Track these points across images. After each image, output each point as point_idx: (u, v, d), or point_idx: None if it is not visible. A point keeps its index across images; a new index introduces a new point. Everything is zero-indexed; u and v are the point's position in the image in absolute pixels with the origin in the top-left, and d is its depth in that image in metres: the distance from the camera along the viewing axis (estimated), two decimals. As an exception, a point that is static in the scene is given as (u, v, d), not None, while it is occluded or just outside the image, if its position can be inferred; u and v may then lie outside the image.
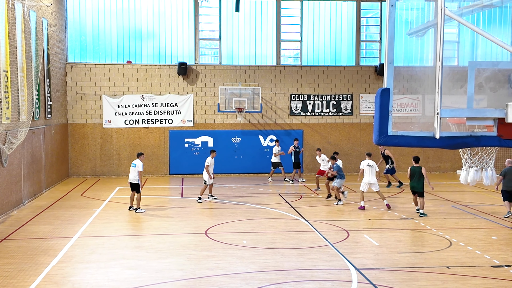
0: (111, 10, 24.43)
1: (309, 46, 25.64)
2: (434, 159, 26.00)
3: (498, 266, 10.88)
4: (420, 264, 11.03)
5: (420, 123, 5.62)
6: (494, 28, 7.08)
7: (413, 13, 6.44)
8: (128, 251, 11.90)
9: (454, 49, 6.98)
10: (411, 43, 6.46)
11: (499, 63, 5.66)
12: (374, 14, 26.20)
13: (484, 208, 16.87)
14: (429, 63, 5.82)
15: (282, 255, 11.59)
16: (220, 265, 10.87)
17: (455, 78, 5.67)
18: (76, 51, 24.42)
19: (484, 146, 6.93)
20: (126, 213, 16.15)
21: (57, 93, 22.36)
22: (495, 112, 5.22)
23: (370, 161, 16.91)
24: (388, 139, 5.15)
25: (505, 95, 5.49)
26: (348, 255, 11.57)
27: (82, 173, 24.31)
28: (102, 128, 24.28)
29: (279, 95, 25.22)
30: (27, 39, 17.02)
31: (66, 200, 18.35)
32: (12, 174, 16.22)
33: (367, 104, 25.61)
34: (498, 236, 13.32)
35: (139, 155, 16.48)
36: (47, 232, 13.63)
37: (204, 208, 17.03)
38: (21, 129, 16.13)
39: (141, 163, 16.20)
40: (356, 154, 25.65)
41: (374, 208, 16.94)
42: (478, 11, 6.46)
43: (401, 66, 5.68)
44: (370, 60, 26.16)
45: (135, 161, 16.34)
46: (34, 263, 10.98)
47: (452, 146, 5.31)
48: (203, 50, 25.19)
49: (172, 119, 24.61)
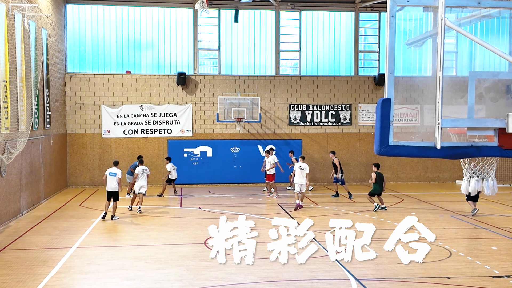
0: (110, 21, 24.51)
1: (308, 56, 25.73)
2: (433, 169, 26.00)
3: (498, 276, 10.84)
4: (420, 274, 10.98)
5: (420, 133, 5.62)
6: (492, 38, 7.11)
7: (412, 24, 6.47)
8: (127, 262, 11.84)
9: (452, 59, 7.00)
10: (409, 54, 6.48)
11: (499, 73, 5.68)
12: (373, 25, 26.32)
13: (484, 218, 16.84)
14: (428, 73, 5.84)
15: (282, 266, 11.50)
16: (219, 275, 10.81)
17: (455, 88, 5.68)
18: (75, 61, 24.47)
19: (485, 156, 6.93)
20: (125, 223, 16.08)
21: (56, 103, 22.37)
22: (495, 122, 5.23)
23: (301, 164, 18.65)
24: (389, 149, 5.15)
25: (505, 105, 5.50)
26: (348, 265, 11.51)
27: (81, 183, 24.25)
28: (101, 138, 24.27)
29: (278, 105, 25.26)
30: (26, 49, 17.05)
31: (64, 210, 18.28)
32: (10, 184, 16.17)
33: (366, 114, 25.65)
34: (498, 246, 13.29)
35: (116, 164, 16.97)
36: (45, 243, 13.57)
37: (203, 218, 16.99)
38: (20, 139, 16.10)
39: (120, 171, 16.53)
40: (355, 164, 25.65)
41: (374, 218, 16.91)
42: (476, 21, 6.49)
43: (400, 76, 5.70)
44: (369, 70, 26.24)
45: (112, 169, 16.57)
46: (32, 274, 10.91)
47: (453, 156, 5.31)
48: (202, 60, 25.26)
49: (171, 129, 24.61)
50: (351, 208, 18.64)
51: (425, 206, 19.29)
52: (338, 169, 20.71)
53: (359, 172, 25.70)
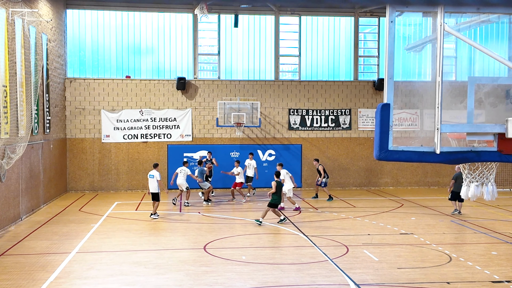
0: (110, 26, 24.55)
1: (307, 61, 25.77)
2: (433, 174, 25.99)
3: (498, 281, 10.82)
4: (420, 279, 10.96)
5: (420, 138, 5.62)
6: (492, 43, 7.12)
7: (411, 29, 6.48)
8: (127, 267, 11.81)
9: (452, 64, 7.00)
10: (409, 58, 6.49)
11: (499, 78, 5.68)
12: (372, 30, 26.37)
13: (484, 223, 16.83)
14: (428, 78, 5.85)
15: (282, 271, 11.51)
16: (219, 280, 10.79)
17: (455, 93, 5.69)
18: (75, 66, 24.49)
19: (485, 161, 6.94)
20: (125, 228, 16.07)
21: (56, 108, 22.38)
22: (495, 128, 5.23)
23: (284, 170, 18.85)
24: (388, 154, 5.15)
25: (504, 110, 5.50)
26: (348, 270, 11.50)
27: (80, 188, 24.23)
28: (101, 142, 24.26)
29: (278, 109, 25.27)
30: (26, 54, 17.07)
31: (64, 215, 18.26)
32: (10, 189, 16.15)
33: (365, 118, 25.66)
34: (498, 251, 13.27)
35: (155, 166, 17.88)
36: (44, 248, 13.54)
37: (202, 223, 16.96)
38: (20, 144, 16.10)
39: (158, 173, 17.60)
40: (355, 169, 25.64)
41: (374, 223, 16.89)
42: (476, 26, 6.50)
43: (399, 81, 5.70)
44: (368, 75, 26.28)
45: (151, 171, 17.68)
46: (31, 279, 10.88)
47: (453, 161, 5.31)
48: (202, 65, 25.28)
49: (170, 134, 24.61)
50: (351, 213, 18.61)
51: (425, 211, 19.26)
52: (322, 175, 21.38)
53: (359, 177, 25.69)
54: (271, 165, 24.82)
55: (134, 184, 24.51)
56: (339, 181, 25.52)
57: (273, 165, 24.85)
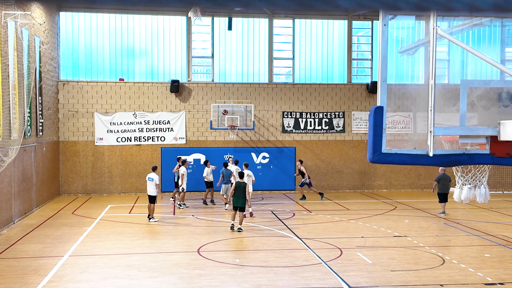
0: (104, 28, 24.49)
1: (301, 64, 25.81)
2: (426, 176, 26.07)
3: (491, 284, 10.86)
4: (413, 282, 10.98)
5: (413, 141, 5.65)
6: (484, 46, 7.16)
7: (404, 32, 6.51)
8: (120, 270, 11.77)
9: (444, 67, 7.04)
10: (402, 61, 6.52)
11: (491, 81, 5.72)
12: (365, 33, 26.47)
13: (477, 226, 16.90)
14: (420, 81, 5.87)
15: (275, 274, 11.50)
16: (213, 284, 10.77)
17: (447, 96, 5.72)
18: (68, 68, 24.42)
19: (477, 164, 6.96)
20: (118, 231, 16.01)
21: (48, 110, 22.29)
22: (487, 130, 5.26)
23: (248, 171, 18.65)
24: (382, 156, 5.16)
25: (497, 113, 5.53)
26: (341, 273, 11.51)
27: (73, 191, 24.12)
28: (94, 145, 24.18)
29: (272, 112, 25.29)
30: (19, 56, 17.00)
31: (56, 219, 18.17)
32: (2, 192, 16.06)
33: (359, 121, 25.73)
34: (491, 254, 13.32)
35: (154, 169, 17.82)
36: (37, 251, 13.46)
37: (196, 226, 16.93)
38: (12, 146, 16.01)
39: (157, 176, 17.55)
40: (349, 172, 25.69)
41: (367, 225, 16.92)
42: (468, 30, 6.54)
43: (392, 84, 5.72)
44: (362, 78, 26.35)
45: (150, 174, 17.63)
46: (24, 282, 10.82)
47: (446, 164, 5.33)
48: (195, 67, 25.27)
49: (164, 137, 24.57)
50: (344, 216, 18.64)
51: (418, 213, 19.32)
52: (306, 175, 22.00)
53: (353, 180, 25.74)
54: (265, 168, 24.84)
55: (127, 187, 24.43)
56: (332, 184, 25.55)
57: (267, 168, 24.90)
